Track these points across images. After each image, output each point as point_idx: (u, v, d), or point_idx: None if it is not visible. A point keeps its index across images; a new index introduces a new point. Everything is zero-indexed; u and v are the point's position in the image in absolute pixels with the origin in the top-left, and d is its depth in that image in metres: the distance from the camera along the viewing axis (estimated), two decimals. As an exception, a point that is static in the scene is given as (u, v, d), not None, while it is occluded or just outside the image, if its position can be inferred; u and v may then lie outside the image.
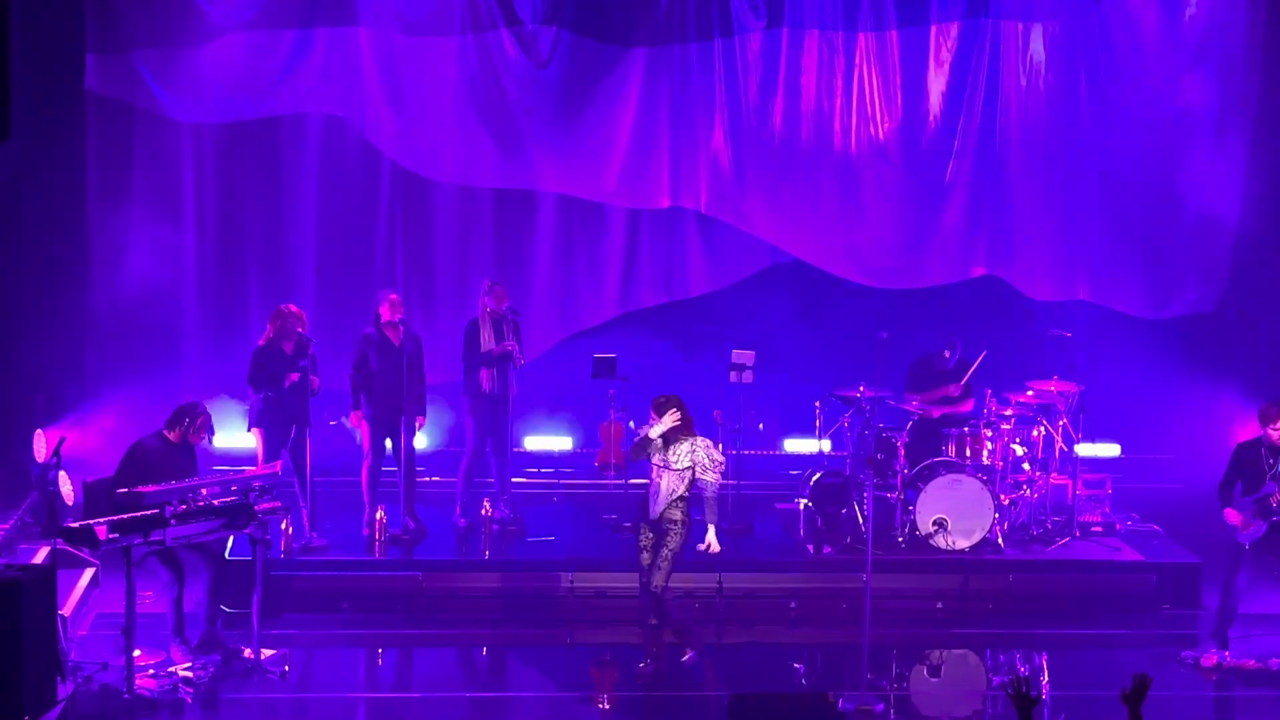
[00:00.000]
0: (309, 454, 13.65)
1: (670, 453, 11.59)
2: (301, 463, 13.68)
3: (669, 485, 11.56)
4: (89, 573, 12.86)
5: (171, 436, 11.87)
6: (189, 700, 11.28)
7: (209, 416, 12.02)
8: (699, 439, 11.64)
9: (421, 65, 15.68)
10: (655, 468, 11.64)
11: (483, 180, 16.04)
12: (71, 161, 15.42)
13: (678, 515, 11.60)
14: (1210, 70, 15.93)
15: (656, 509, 11.62)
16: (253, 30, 15.40)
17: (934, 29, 15.96)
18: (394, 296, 14.08)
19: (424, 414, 14.29)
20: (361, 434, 14.17)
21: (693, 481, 11.63)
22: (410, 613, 13.26)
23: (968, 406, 14.59)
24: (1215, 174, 16.10)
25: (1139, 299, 16.38)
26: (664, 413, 11.55)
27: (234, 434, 15.66)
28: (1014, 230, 16.27)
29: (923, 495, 13.86)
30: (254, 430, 13.83)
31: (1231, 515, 12.28)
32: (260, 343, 13.77)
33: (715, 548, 11.81)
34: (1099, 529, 14.67)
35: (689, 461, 11.57)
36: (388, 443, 14.12)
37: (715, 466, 11.60)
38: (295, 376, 13.43)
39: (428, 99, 15.75)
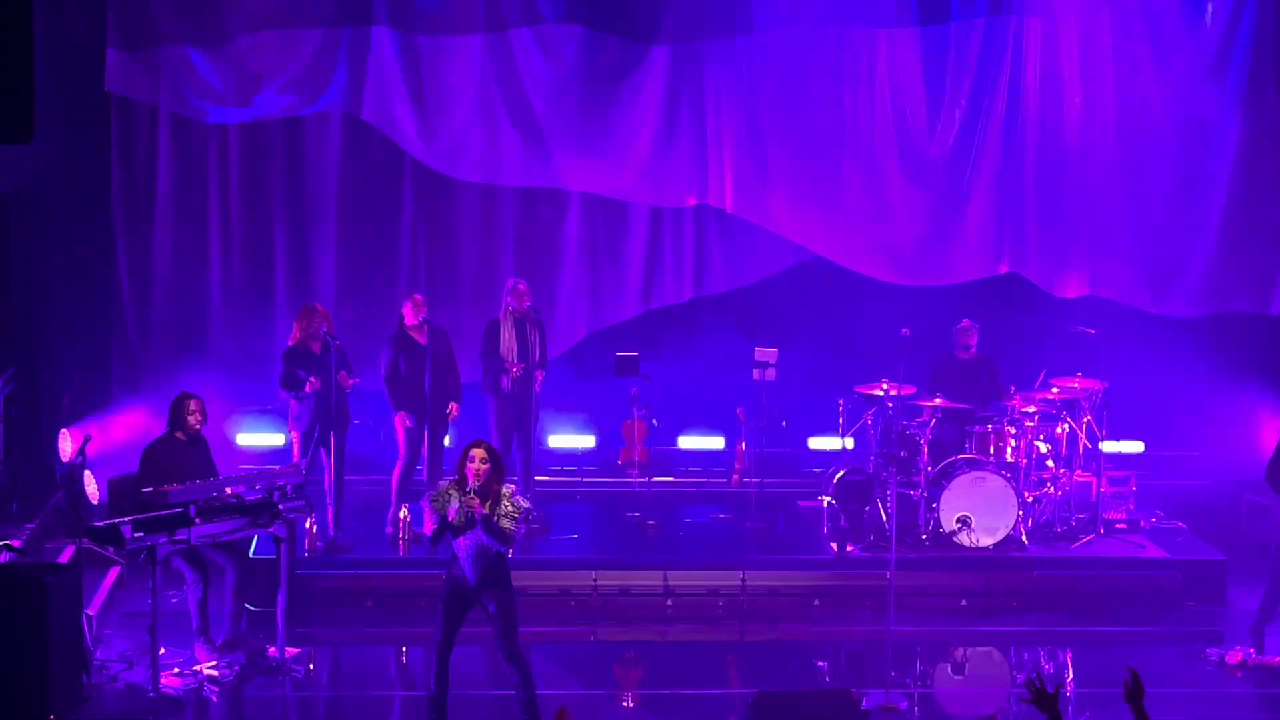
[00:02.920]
0: (333, 452, 13.62)
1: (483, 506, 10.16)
2: (331, 462, 13.69)
3: (480, 545, 10.23)
4: (114, 572, 12.91)
5: (179, 435, 11.92)
6: (214, 699, 11.32)
7: (199, 399, 12.02)
8: (504, 487, 10.28)
9: (443, 64, 15.69)
10: (458, 530, 10.21)
11: (505, 179, 16.05)
12: (96, 162, 15.50)
13: (501, 575, 10.34)
14: (1235, 68, 15.85)
15: (476, 572, 10.29)
16: (275, 29, 15.42)
17: (956, 26, 15.93)
18: (417, 297, 14.10)
19: (459, 400, 14.26)
20: (398, 434, 14.17)
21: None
22: (434, 611, 13.24)
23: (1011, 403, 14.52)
24: (1244, 172, 16.03)
25: (1165, 298, 16.28)
26: (471, 463, 10.18)
27: (258, 433, 15.73)
28: (1037, 227, 16.20)
29: (946, 493, 13.84)
30: (294, 433, 13.82)
31: None
32: (289, 344, 13.79)
33: (477, 506, 10.12)
34: (1123, 526, 14.63)
35: (499, 512, 10.18)
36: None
37: (520, 515, 10.25)
38: (315, 383, 13.38)
39: (450, 97, 15.76)
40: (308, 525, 13.35)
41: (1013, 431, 14.17)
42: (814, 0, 15.84)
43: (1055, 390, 14.49)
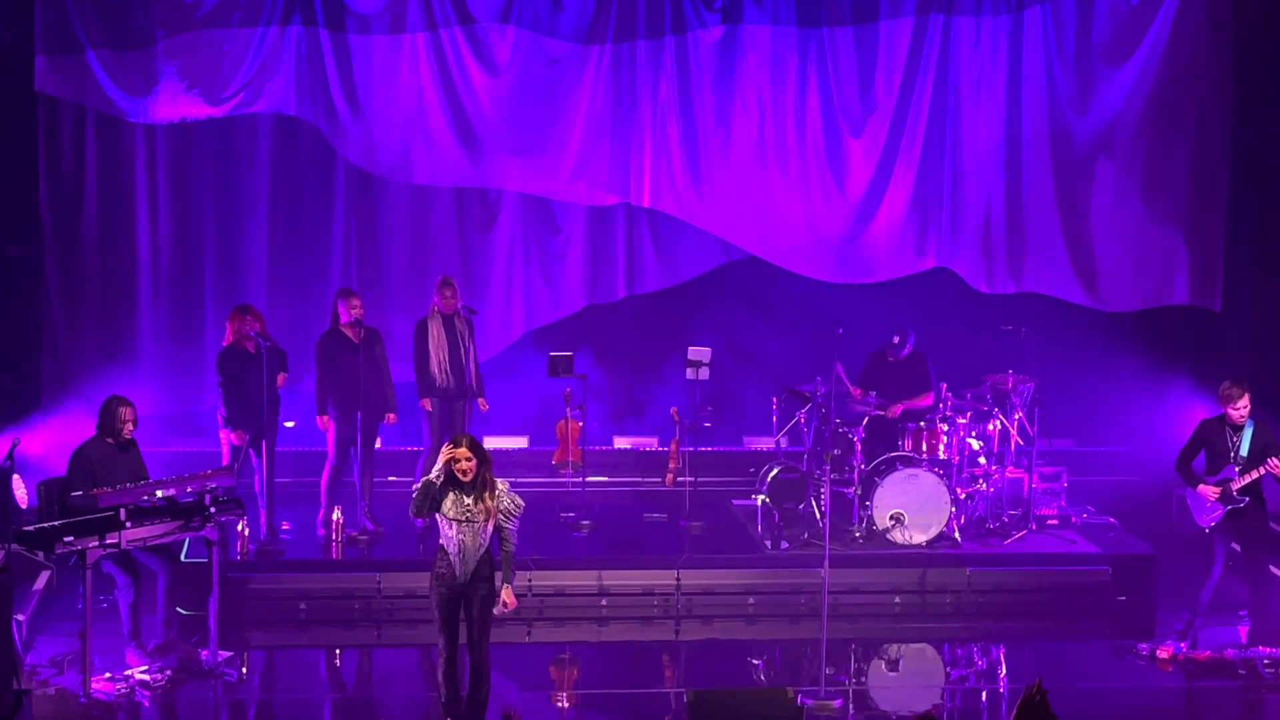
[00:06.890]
0: (265, 454, 13.56)
1: (471, 502, 9.96)
2: (263, 464, 13.61)
3: (475, 540, 9.98)
4: (45, 576, 12.78)
5: (109, 439, 11.83)
6: (146, 703, 11.23)
7: (132, 407, 11.92)
8: (499, 482, 10.08)
9: (376, 64, 15.63)
10: (453, 523, 9.93)
11: (439, 179, 16.00)
12: (23, 164, 15.34)
13: (489, 571, 10.12)
14: (1162, 65, 15.99)
15: (466, 569, 10.03)
16: (206, 30, 15.33)
17: (885, 25, 15.99)
18: (352, 298, 14.04)
19: (395, 410, 14.23)
20: (328, 435, 14.09)
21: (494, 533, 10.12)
22: (368, 613, 13.23)
23: (926, 401, 14.63)
24: (1175, 169, 16.17)
25: (1094, 292, 16.41)
26: (457, 464, 9.92)
27: (190, 436, 15.61)
28: (964, 224, 16.30)
29: (880, 490, 13.90)
30: (223, 432, 13.74)
31: (1207, 491, 12.25)
32: (224, 344, 13.71)
33: (513, 603, 10.23)
34: (1055, 522, 14.75)
35: (490, 510, 10.00)
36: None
37: (517, 512, 10.12)
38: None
39: (382, 97, 15.70)
40: (239, 528, 13.28)
41: (945, 429, 14.24)
42: (745, 0, 15.87)
43: (987, 386, 14.58)
